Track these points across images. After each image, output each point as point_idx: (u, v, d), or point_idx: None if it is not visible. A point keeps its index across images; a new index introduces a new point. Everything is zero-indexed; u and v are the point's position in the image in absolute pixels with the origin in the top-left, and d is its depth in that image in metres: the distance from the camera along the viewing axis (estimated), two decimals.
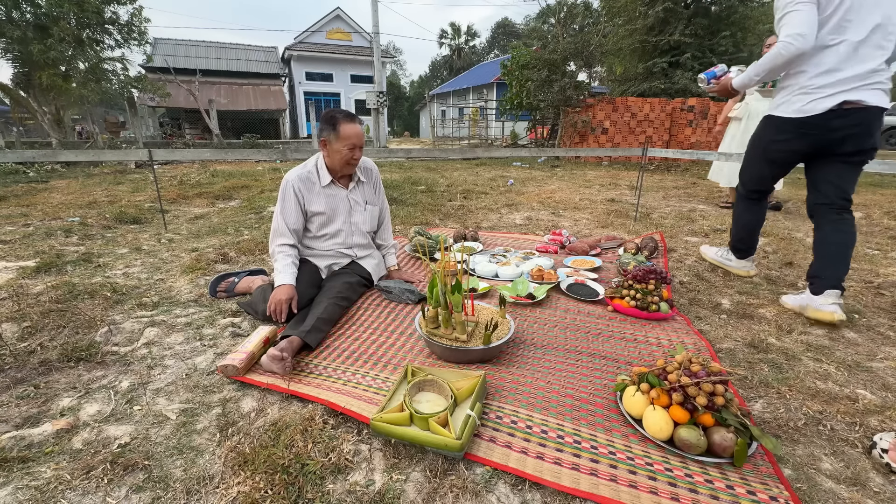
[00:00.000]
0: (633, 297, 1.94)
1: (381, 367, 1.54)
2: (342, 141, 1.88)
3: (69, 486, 1.01)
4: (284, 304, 1.74)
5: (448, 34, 41.46)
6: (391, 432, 1.13)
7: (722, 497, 0.98)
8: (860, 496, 1.01)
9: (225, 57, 21.41)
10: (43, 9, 10.84)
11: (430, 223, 3.75)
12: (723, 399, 1.12)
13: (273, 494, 0.98)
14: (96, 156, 3.78)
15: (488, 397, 1.34)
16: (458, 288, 1.52)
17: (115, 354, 1.60)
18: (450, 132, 20.11)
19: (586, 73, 13.12)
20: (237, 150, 4.05)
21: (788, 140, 1.94)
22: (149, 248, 2.96)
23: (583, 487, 1.00)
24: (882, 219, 3.79)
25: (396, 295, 2.03)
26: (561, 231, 3.10)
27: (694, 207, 4.45)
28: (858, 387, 1.42)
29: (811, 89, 1.82)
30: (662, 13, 10.49)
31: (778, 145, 2.00)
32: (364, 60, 23.14)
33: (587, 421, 1.23)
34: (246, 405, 1.32)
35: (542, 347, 1.66)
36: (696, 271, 2.48)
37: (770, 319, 1.89)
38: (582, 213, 4.16)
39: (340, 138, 1.87)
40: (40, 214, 3.86)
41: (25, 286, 2.20)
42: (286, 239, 1.93)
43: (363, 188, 2.13)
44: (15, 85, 11.81)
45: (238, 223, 3.69)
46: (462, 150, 10.56)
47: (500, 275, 2.38)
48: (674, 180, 6.60)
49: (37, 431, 1.19)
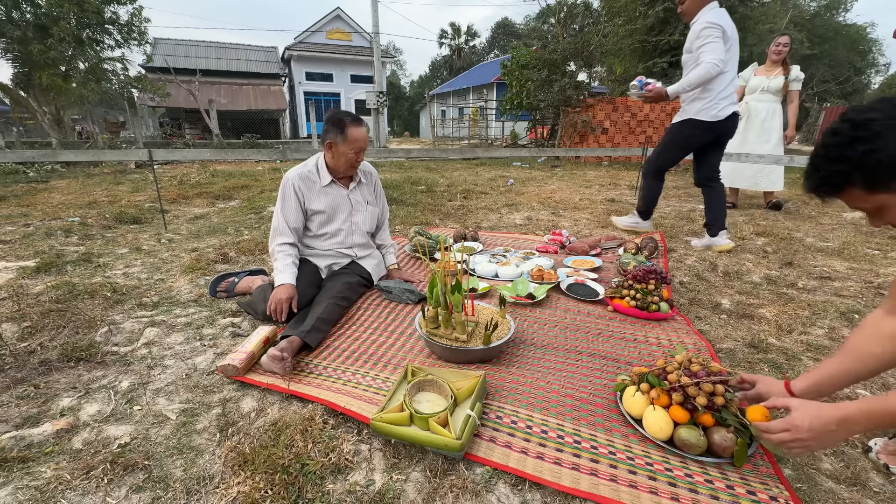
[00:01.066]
0: (633, 297, 1.94)
1: (381, 367, 1.54)
2: (349, 144, 1.88)
3: (69, 486, 1.01)
4: (285, 304, 1.74)
5: (448, 34, 41.46)
6: (391, 432, 1.13)
7: (722, 497, 0.98)
8: (860, 496, 1.01)
9: (225, 57, 21.40)
10: (43, 9, 10.85)
11: (430, 223, 3.75)
12: (723, 399, 1.12)
13: (273, 494, 0.98)
14: (96, 156, 3.79)
15: (488, 397, 1.34)
16: (458, 288, 1.52)
17: (115, 354, 1.61)
18: (450, 132, 20.12)
19: (586, 73, 13.11)
20: (237, 150, 4.05)
21: (704, 134, 2.68)
22: (149, 248, 2.96)
23: (583, 487, 1.00)
24: None
25: (396, 295, 2.03)
26: (561, 231, 3.10)
27: (694, 207, 4.45)
28: (858, 387, 1.42)
29: (718, 100, 2.55)
30: (662, 13, 10.48)
31: (695, 139, 2.75)
32: (364, 60, 23.13)
33: (587, 421, 1.23)
34: (246, 405, 1.32)
35: (542, 347, 1.66)
36: (696, 271, 2.48)
37: (770, 319, 1.89)
38: (582, 213, 4.16)
39: (348, 141, 1.88)
40: (40, 214, 3.86)
41: (25, 286, 2.20)
42: (286, 238, 1.93)
43: (363, 189, 2.13)
44: (15, 85, 11.82)
45: (238, 223, 3.69)
46: (462, 150, 10.56)
47: (500, 275, 2.38)
48: (674, 180, 6.60)
49: (37, 431, 1.19)
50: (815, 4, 21.21)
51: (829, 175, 0.82)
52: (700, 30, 2.44)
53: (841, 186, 0.82)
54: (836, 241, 3.07)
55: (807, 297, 2.12)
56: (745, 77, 4.12)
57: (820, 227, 3.58)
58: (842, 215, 3.97)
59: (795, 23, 16.37)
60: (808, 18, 18.77)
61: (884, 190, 0.78)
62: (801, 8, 19.10)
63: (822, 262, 2.65)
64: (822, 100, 17.88)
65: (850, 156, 0.77)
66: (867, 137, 0.75)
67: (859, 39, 22.19)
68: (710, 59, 2.38)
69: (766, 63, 4.03)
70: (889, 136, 0.73)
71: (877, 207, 0.82)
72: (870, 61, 23.65)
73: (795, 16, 16.63)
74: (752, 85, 4.05)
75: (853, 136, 0.76)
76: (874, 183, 0.78)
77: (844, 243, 3.00)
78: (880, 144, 0.74)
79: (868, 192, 0.79)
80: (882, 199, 0.79)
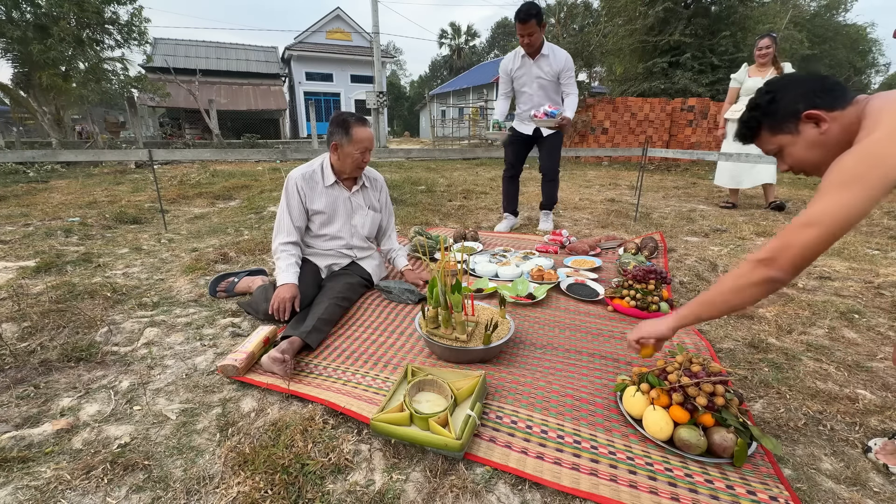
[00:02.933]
0: (633, 297, 1.94)
1: (381, 367, 1.54)
2: (355, 144, 1.88)
3: (69, 486, 1.01)
4: (288, 303, 1.74)
5: (448, 34, 41.44)
6: (391, 432, 1.13)
7: (722, 497, 0.98)
8: (860, 496, 1.01)
9: (225, 57, 21.40)
10: (43, 9, 10.85)
11: (430, 223, 3.75)
12: (723, 399, 1.12)
13: (273, 494, 0.98)
14: (96, 156, 3.79)
15: (488, 397, 1.34)
16: (458, 288, 1.52)
17: (115, 354, 1.61)
18: (450, 132, 20.12)
19: (586, 73, 13.12)
20: (237, 150, 4.05)
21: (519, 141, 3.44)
22: (149, 248, 2.96)
23: (583, 487, 1.00)
24: (882, 219, 3.79)
25: (396, 295, 2.03)
26: (561, 231, 3.11)
27: (694, 207, 4.45)
28: (858, 387, 1.42)
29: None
30: (662, 13, 10.49)
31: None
32: (364, 60, 23.13)
33: (587, 421, 1.23)
34: (246, 405, 1.32)
35: (542, 347, 1.66)
36: (696, 271, 2.48)
37: (770, 319, 1.89)
38: (582, 213, 4.16)
39: (354, 142, 1.87)
40: (40, 214, 3.86)
41: (25, 286, 2.20)
42: (289, 236, 1.93)
43: (367, 193, 2.12)
44: (15, 85, 11.82)
45: (238, 223, 3.69)
46: (462, 150, 10.56)
47: (500, 275, 2.38)
48: (674, 180, 6.60)
49: (37, 431, 1.19)
50: (815, 4, 21.23)
51: (748, 121, 1.05)
52: (567, 63, 3.11)
53: (755, 130, 1.05)
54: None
55: (807, 297, 2.12)
56: (740, 79, 4.12)
57: None
58: None
59: (795, 23, 16.37)
60: (807, 18, 18.79)
61: (783, 132, 1.00)
62: (801, 8, 19.10)
63: (822, 261, 2.65)
64: None
65: (760, 104, 1.02)
66: (771, 91, 1.00)
67: (859, 39, 22.22)
68: (576, 90, 3.21)
69: (755, 64, 4.04)
70: (787, 91, 0.98)
71: (779, 148, 1.03)
72: (870, 61, 23.68)
73: (795, 16, 16.63)
74: (747, 86, 4.04)
75: (764, 91, 1.02)
76: (775, 126, 1.01)
77: (844, 243, 3.00)
78: (780, 97, 0.99)
79: (772, 134, 1.02)
80: (782, 140, 1.01)
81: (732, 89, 4.21)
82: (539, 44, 3.05)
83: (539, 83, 3.19)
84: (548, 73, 3.15)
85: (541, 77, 3.17)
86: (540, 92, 3.21)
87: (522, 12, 2.89)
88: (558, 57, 3.11)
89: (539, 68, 3.14)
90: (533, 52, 3.10)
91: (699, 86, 10.38)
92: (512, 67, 3.23)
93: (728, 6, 10.76)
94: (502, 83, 3.37)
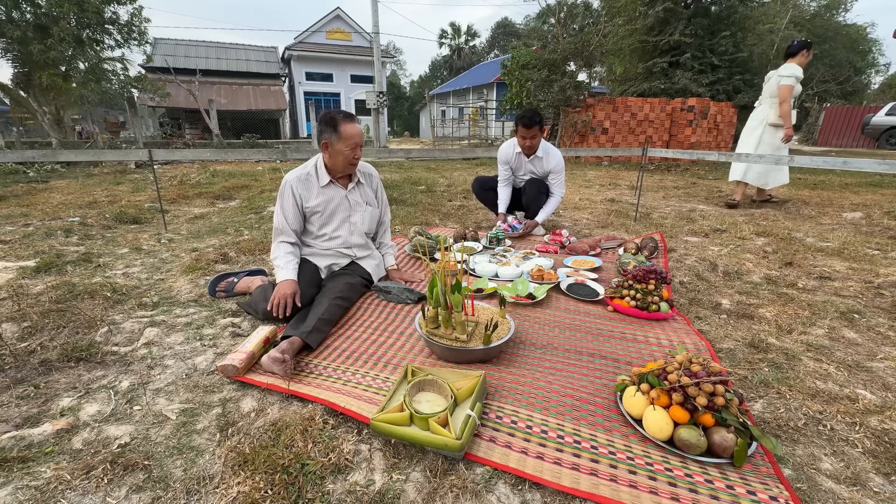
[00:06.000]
0: (633, 297, 1.94)
1: (381, 367, 1.54)
2: (344, 141, 1.88)
3: (69, 486, 1.01)
4: (289, 298, 1.74)
5: (448, 34, 41.44)
6: (391, 432, 1.13)
7: (722, 497, 0.97)
8: (860, 496, 1.01)
9: (225, 57, 21.39)
10: (43, 9, 10.83)
11: (430, 223, 3.75)
12: (723, 399, 1.12)
13: (273, 494, 0.98)
14: (96, 156, 3.78)
15: (488, 397, 1.34)
16: (458, 288, 1.52)
17: (115, 354, 1.60)
18: (450, 132, 20.11)
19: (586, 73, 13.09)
20: (237, 150, 4.05)
21: None
22: (149, 248, 2.96)
23: (583, 487, 1.00)
24: (882, 219, 3.79)
25: (395, 295, 2.03)
26: (561, 231, 3.11)
27: (694, 207, 4.45)
28: (858, 387, 1.42)
29: None
30: (662, 13, 10.49)
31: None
32: (364, 60, 23.14)
33: (587, 421, 1.23)
34: (246, 405, 1.32)
35: (542, 347, 1.66)
36: (696, 271, 2.48)
37: (770, 319, 1.89)
38: (582, 213, 4.16)
39: (343, 139, 1.88)
40: (40, 214, 3.85)
41: (25, 286, 2.20)
42: (287, 237, 1.95)
43: (362, 189, 2.13)
44: (15, 85, 11.80)
45: (238, 223, 3.69)
46: (462, 150, 10.55)
47: (500, 275, 2.38)
48: (674, 180, 6.60)
49: (37, 431, 1.19)
50: (815, 4, 21.23)
51: None
52: (557, 166, 3.29)
53: None
54: (836, 241, 3.07)
55: (807, 297, 2.12)
56: (799, 75, 4.01)
57: (820, 227, 3.58)
58: (842, 215, 3.98)
59: (795, 23, 16.38)
60: (807, 18, 18.78)
61: None
62: (801, 8, 19.11)
63: (822, 262, 2.65)
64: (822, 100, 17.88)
65: None
66: None
67: (859, 39, 22.21)
68: (562, 191, 3.38)
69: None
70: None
71: None
72: (870, 61, 23.68)
73: (795, 16, 16.64)
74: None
75: None
76: None
77: (844, 243, 3.00)
78: None
79: None
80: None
81: (794, 87, 3.96)
82: (537, 146, 3.26)
83: (531, 177, 3.43)
84: (540, 172, 3.38)
85: (533, 173, 3.41)
86: (531, 184, 3.40)
87: (527, 118, 3.08)
88: (551, 159, 3.30)
89: (533, 165, 3.37)
90: (529, 153, 3.31)
91: (699, 86, 10.39)
92: (509, 159, 3.41)
93: (728, 6, 10.76)
94: (501, 171, 3.49)
